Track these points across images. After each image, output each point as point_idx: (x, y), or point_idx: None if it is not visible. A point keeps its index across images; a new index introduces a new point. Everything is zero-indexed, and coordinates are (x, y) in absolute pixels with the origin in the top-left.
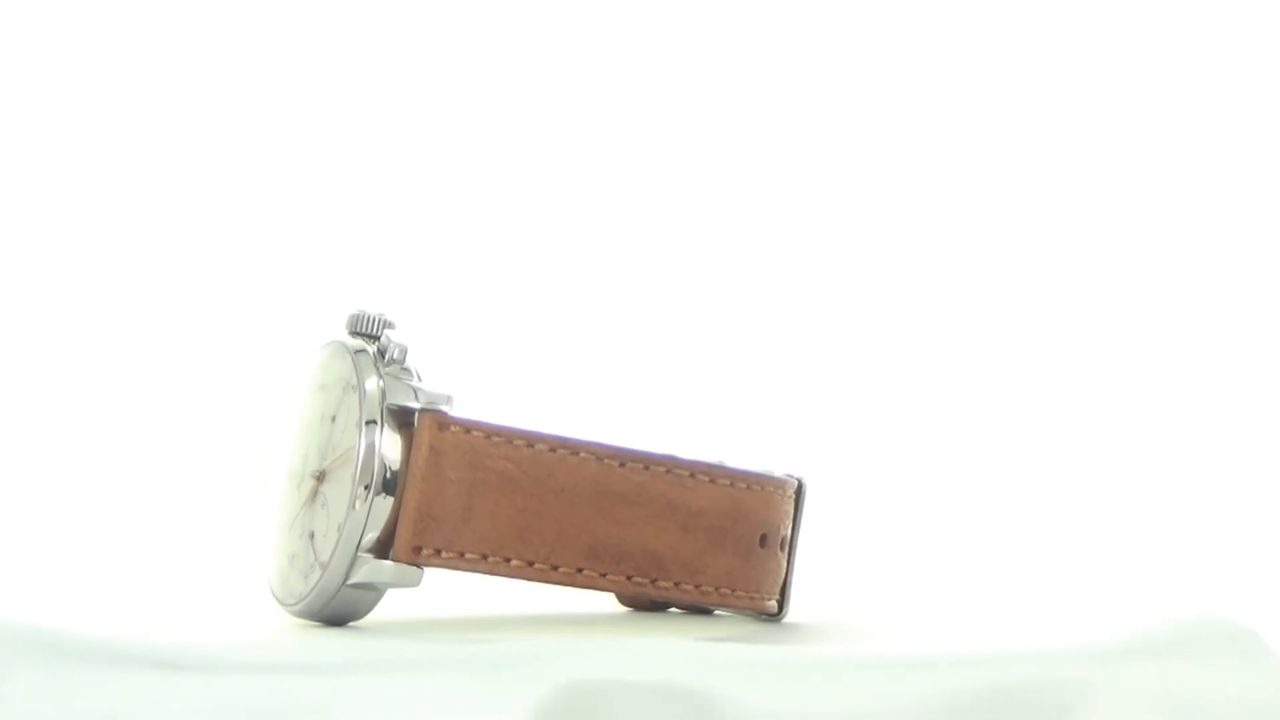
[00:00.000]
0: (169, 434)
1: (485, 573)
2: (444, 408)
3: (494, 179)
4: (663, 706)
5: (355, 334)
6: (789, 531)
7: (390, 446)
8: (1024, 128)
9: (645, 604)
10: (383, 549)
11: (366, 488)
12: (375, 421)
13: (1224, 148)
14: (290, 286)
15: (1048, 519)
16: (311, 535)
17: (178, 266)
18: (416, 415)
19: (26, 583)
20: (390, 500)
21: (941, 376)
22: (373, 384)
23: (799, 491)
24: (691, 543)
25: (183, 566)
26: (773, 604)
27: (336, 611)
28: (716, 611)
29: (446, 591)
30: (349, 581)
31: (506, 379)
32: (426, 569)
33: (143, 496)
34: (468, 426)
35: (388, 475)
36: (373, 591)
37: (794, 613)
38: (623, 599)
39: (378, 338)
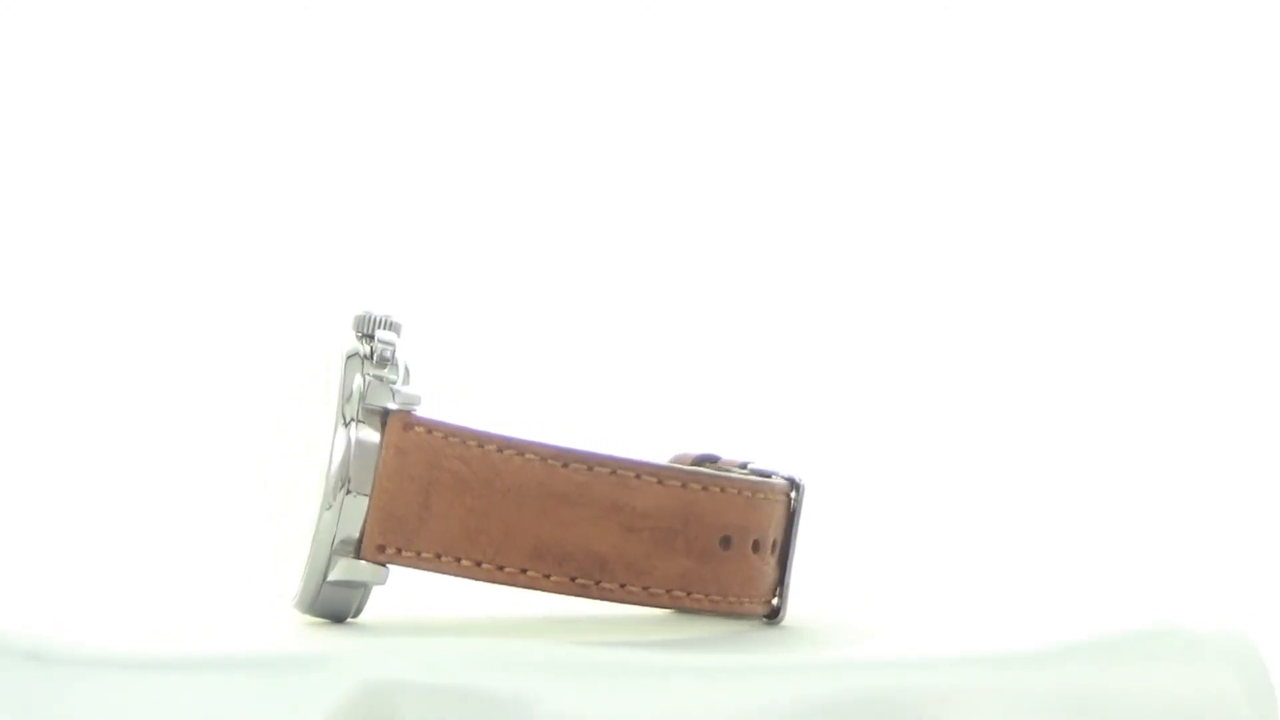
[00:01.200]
0: (165, 433)
1: (438, 572)
2: (414, 408)
3: (494, 178)
4: (462, 709)
5: (359, 335)
6: (777, 534)
7: (366, 446)
8: (1023, 127)
9: None
10: (360, 548)
11: (340, 486)
12: (352, 422)
13: (1223, 147)
14: (288, 286)
15: (1047, 519)
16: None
17: (177, 267)
18: (390, 416)
19: (12, 585)
20: (365, 500)
21: (940, 377)
22: (356, 385)
23: (794, 492)
24: (637, 544)
25: (173, 567)
26: (754, 607)
27: (324, 609)
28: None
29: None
30: (328, 579)
31: (507, 380)
32: (391, 567)
33: (136, 496)
34: (430, 427)
35: (361, 475)
36: (357, 589)
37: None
38: None
39: (372, 338)
